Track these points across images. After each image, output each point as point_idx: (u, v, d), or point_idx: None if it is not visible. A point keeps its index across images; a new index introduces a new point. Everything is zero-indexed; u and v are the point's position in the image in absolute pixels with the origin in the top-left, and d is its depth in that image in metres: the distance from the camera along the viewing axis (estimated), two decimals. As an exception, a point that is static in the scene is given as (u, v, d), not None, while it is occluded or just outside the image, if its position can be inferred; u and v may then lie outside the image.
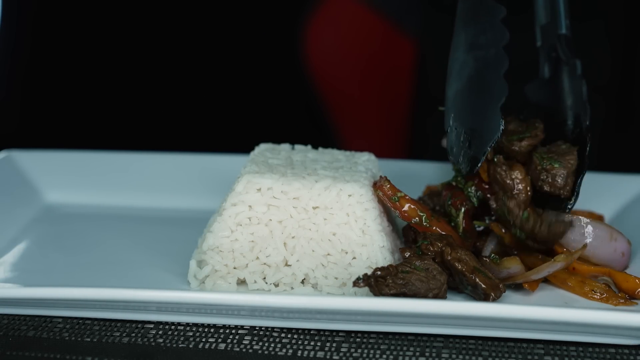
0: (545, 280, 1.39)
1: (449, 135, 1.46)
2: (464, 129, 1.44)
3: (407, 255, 1.36)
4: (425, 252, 1.36)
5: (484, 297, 1.32)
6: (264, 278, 1.40)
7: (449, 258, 1.34)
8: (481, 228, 1.46)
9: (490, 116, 1.41)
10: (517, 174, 1.42)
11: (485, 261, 1.36)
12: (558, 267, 1.36)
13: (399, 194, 1.42)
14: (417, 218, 1.42)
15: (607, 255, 1.42)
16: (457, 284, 1.36)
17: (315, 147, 1.57)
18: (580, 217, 1.42)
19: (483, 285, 1.32)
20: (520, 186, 1.42)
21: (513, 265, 1.36)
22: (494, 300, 1.31)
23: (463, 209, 1.44)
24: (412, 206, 1.42)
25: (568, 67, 1.51)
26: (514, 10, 1.49)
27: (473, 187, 1.46)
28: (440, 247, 1.36)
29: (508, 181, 1.42)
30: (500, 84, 1.43)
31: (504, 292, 1.33)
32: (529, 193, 1.42)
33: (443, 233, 1.41)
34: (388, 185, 1.42)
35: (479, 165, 1.40)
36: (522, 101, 1.55)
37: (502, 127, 1.39)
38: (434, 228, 1.42)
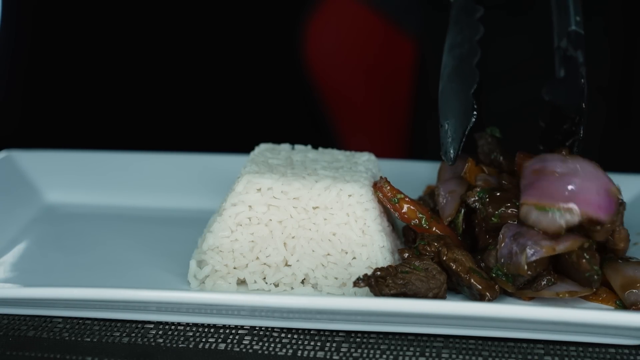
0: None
1: (440, 133, 1.45)
2: (446, 122, 1.43)
3: (406, 256, 1.36)
4: (423, 253, 1.36)
5: (479, 297, 1.32)
6: (264, 278, 1.40)
7: (445, 258, 1.34)
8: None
9: (463, 102, 1.40)
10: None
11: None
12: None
13: (398, 196, 1.42)
14: (416, 219, 1.42)
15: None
16: (454, 285, 1.36)
17: (315, 147, 1.57)
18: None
19: (478, 286, 1.32)
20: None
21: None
22: (490, 300, 1.31)
23: (463, 211, 1.44)
24: (412, 208, 1.42)
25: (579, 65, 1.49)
26: (514, 11, 1.49)
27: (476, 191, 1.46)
28: (437, 248, 1.36)
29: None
30: (471, 71, 1.43)
31: (500, 293, 1.33)
32: None
33: (441, 234, 1.41)
34: (388, 187, 1.42)
35: (458, 151, 1.38)
36: (524, 100, 1.54)
37: (475, 114, 1.37)
38: (434, 229, 1.42)
